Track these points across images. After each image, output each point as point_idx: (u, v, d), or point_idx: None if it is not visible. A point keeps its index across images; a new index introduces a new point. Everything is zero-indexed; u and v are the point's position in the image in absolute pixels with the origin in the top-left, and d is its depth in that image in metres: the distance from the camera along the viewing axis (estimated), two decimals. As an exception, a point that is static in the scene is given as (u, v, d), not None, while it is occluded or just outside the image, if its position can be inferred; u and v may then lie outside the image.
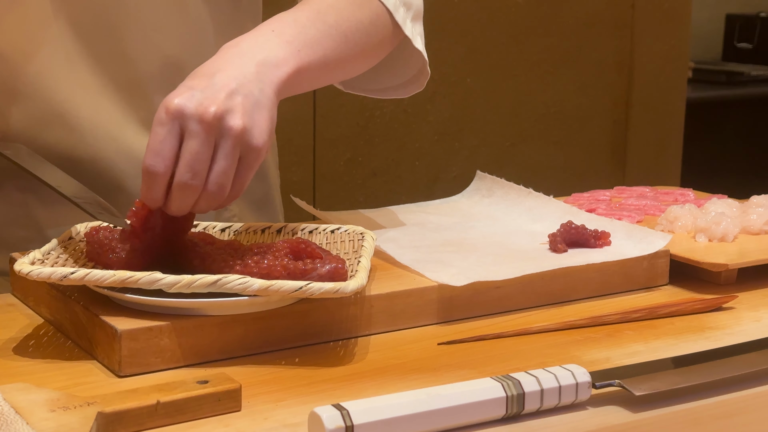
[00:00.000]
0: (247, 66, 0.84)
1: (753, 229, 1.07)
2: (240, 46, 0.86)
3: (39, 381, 0.73)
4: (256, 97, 0.83)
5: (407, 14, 1.01)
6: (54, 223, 1.05)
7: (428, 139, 2.29)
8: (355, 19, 0.95)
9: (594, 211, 1.15)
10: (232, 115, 0.81)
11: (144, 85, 1.05)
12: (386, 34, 1.00)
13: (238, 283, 0.76)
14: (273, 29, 0.89)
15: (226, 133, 0.81)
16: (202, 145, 0.80)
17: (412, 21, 1.02)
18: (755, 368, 0.77)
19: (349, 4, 0.96)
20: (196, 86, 0.82)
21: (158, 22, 1.04)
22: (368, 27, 0.97)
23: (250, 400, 0.71)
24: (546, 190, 1.15)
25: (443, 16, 2.22)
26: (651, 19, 2.51)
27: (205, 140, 0.80)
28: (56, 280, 0.76)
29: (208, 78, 0.83)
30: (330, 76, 0.96)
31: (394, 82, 1.10)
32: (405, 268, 0.92)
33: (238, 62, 0.84)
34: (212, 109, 0.80)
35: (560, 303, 0.94)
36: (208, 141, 0.80)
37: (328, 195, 2.21)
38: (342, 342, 0.83)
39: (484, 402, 0.67)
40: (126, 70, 1.04)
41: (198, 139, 0.80)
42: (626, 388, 0.71)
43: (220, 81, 0.82)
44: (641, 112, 2.54)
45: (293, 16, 0.92)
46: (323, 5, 0.94)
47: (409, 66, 1.08)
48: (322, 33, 0.91)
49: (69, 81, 1.02)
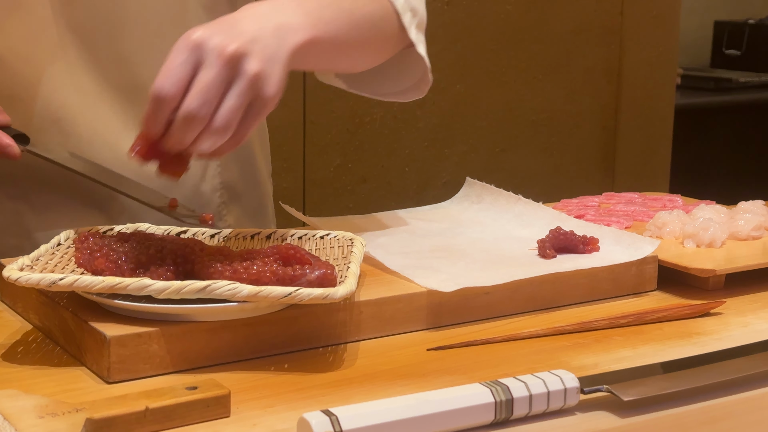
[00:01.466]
0: (266, 24, 0.85)
1: (741, 234, 1.08)
2: (260, 8, 0.88)
3: (27, 387, 0.73)
4: (274, 50, 0.84)
5: (413, 20, 1.03)
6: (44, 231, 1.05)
7: (418, 145, 2.29)
8: (368, 11, 0.98)
9: (583, 217, 1.16)
10: (250, 58, 0.82)
11: (143, 91, 1.05)
12: (393, 33, 1.02)
13: (227, 289, 0.76)
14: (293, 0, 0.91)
15: (241, 73, 0.81)
16: (217, 77, 0.80)
17: (416, 28, 1.04)
18: (743, 374, 0.77)
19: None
20: (218, 26, 0.83)
21: (159, 28, 1.04)
22: (378, 21, 0.99)
23: (239, 406, 0.71)
24: (535, 196, 1.15)
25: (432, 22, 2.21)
26: (640, 25, 2.52)
27: (220, 73, 0.80)
28: (45, 286, 0.76)
29: (231, 24, 0.84)
30: (337, 59, 0.98)
31: (395, 88, 1.11)
32: (394, 274, 0.92)
33: (259, 20, 0.86)
34: (233, 47, 0.81)
35: (549, 309, 0.94)
36: (223, 75, 0.80)
37: (317, 201, 2.21)
38: (331, 348, 0.83)
39: (473, 407, 0.67)
40: (126, 76, 1.04)
41: (213, 70, 0.80)
42: (614, 393, 0.72)
43: (242, 27, 0.83)
44: (630, 119, 2.55)
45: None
46: None
47: (412, 72, 1.09)
48: (336, 14, 0.93)
49: (68, 86, 1.02)
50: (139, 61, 1.04)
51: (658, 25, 2.55)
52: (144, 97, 1.04)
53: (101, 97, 1.04)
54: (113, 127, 1.05)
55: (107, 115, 1.04)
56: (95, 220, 1.05)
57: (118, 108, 1.05)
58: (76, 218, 1.05)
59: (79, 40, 1.02)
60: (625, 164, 2.57)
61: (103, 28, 1.02)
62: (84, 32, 1.01)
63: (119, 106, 1.05)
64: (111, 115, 1.04)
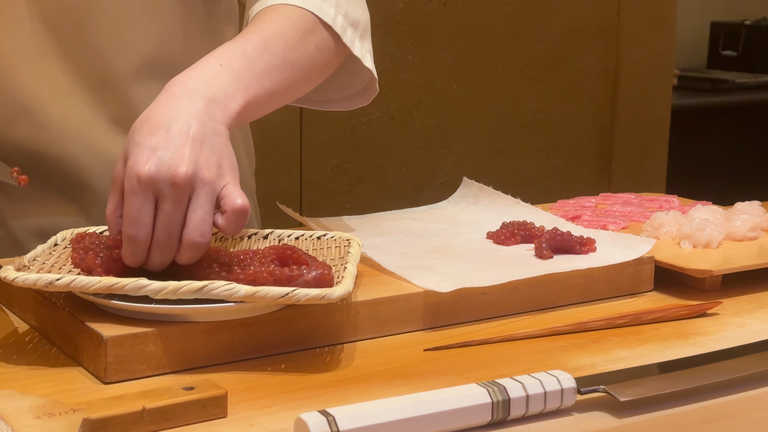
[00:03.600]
0: (196, 105, 0.84)
1: (737, 235, 1.08)
2: (188, 84, 0.86)
3: (24, 388, 0.73)
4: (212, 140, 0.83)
5: (355, 34, 1.01)
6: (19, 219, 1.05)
7: (415, 145, 2.29)
8: (302, 48, 0.95)
9: (579, 217, 1.16)
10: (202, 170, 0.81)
11: (115, 82, 1.05)
12: (331, 56, 0.99)
13: (224, 289, 0.76)
14: (221, 63, 0.89)
15: (199, 186, 0.81)
16: (176, 205, 0.80)
17: (360, 40, 1.02)
18: (739, 374, 0.77)
19: (296, 30, 0.95)
20: (157, 146, 0.81)
21: (130, 19, 1.04)
22: (314, 53, 0.96)
23: (236, 407, 0.71)
24: (532, 197, 1.15)
25: (429, 23, 2.23)
26: (636, 26, 2.52)
27: (180, 201, 0.80)
28: (42, 286, 0.76)
29: (165, 131, 0.82)
30: (276, 104, 0.96)
31: (338, 95, 1.11)
32: (391, 274, 0.92)
33: (187, 102, 0.84)
34: (182, 170, 0.80)
35: (545, 309, 0.94)
36: (182, 201, 0.80)
37: (314, 201, 2.21)
38: (328, 348, 0.83)
39: (470, 408, 0.67)
40: (97, 68, 1.04)
41: (172, 201, 0.80)
42: (611, 393, 0.72)
43: (176, 134, 0.82)
44: (626, 119, 2.55)
45: (241, 47, 0.91)
46: (270, 33, 0.93)
47: (355, 81, 1.08)
48: (269, 64, 0.91)
49: (39, 77, 1.03)
50: (111, 53, 1.04)
51: (654, 25, 2.55)
52: (116, 88, 1.05)
53: (72, 87, 1.04)
54: (84, 118, 1.05)
55: (78, 105, 1.05)
56: (68, 209, 1.06)
57: (89, 99, 1.05)
58: (47, 208, 1.06)
59: (51, 30, 1.02)
60: (622, 165, 2.57)
61: (74, 19, 1.02)
62: (55, 23, 1.02)
63: (90, 96, 1.05)
64: (82, 106, 1.05)
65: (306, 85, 0.99)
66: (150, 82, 1.05)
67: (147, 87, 1.05)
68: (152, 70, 1.06)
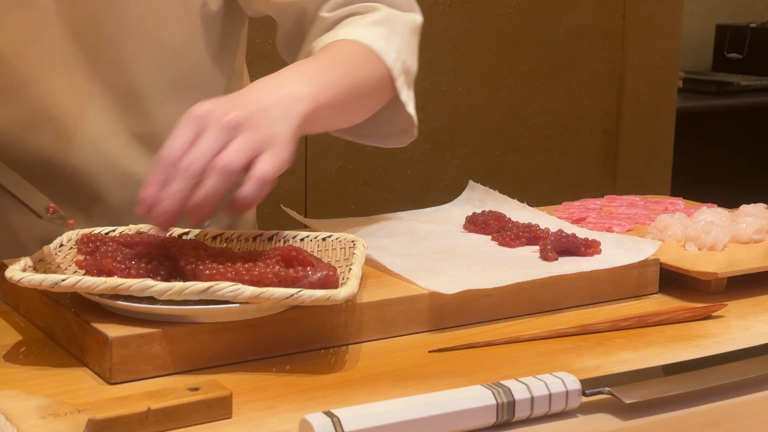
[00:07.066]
0: (272, 96, 0.88)
1: (742, 238, 1.08)
2: (266, 82, 0.91)
3: (30, 388, 0.73)
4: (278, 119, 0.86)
5: (405, 81, 1.06)
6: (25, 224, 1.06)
7: (420, 147, 2.29)
8: (367, 73, 1.01)
9: (584, 219, 1.16)
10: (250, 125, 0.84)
11: (139, 98, 1.05)
12: (384, 94, 1.05)
13: (229, 290, 0.76)
14: (297, 70, 0.95)
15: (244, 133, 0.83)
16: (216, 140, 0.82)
17: (407, 87, 1.07)
18: (744, 376, 0.77)
19: (362, 60, 1.01)
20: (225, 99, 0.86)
21: (158, 35, 1.04)
22: (373, 84, 1.02)
23: (240, 408, 0.71)
24: (536, 199, 1.15)
25: (435, 25, 2.23)
26: (641, 29, 2.52)
27: (220, 138, 0.82)
28: (48, 287, 0.76)
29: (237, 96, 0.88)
30: (337, 119, 1.02)
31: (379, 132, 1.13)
32: (396, 276, 0.92)
33: (265, 93, 0.89)
34: (232, 114, 0.83)
35: (550, 311, 0.94)
36: (222, 139, 0.82)
37: (319, 203, 2.21)
38: (333, 349, 0.83)
39: (475, 410, 0.67)
40: (122, 81, 1.04)
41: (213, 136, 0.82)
42: (616, 395, 0.72)
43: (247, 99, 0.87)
44: (632, 122, 2.55)
45: (314, 63, 0.98)
46: (340, 56, 1.00)
47: (394, 123, 1.11)
48: (338, 78, 0.97)
49: (62, 86, 1.03)
50: (137, 67, 1.04)
51: (659, 28, 2.55)
52: (139, 103, 1.05)
53: (95, 99, 1.04)
54: (104, 130, 1.05)
55: (99, 117, 1.05)
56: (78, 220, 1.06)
57: (111, 112, 1.05)
58: None
59: (79, 41, 1.02)
60: (627, 167, 2.57)
61: (103, 31, 1.02)
62: (84, 34, 1.02)
63: (112, 109, 1.05)
64: (103, 118, 1.05)
65: (363, 112, 1.04)
66: (175, 102, 1.05)
67: (171, 106, 1.05)
68: (178, 89, 1.06)
